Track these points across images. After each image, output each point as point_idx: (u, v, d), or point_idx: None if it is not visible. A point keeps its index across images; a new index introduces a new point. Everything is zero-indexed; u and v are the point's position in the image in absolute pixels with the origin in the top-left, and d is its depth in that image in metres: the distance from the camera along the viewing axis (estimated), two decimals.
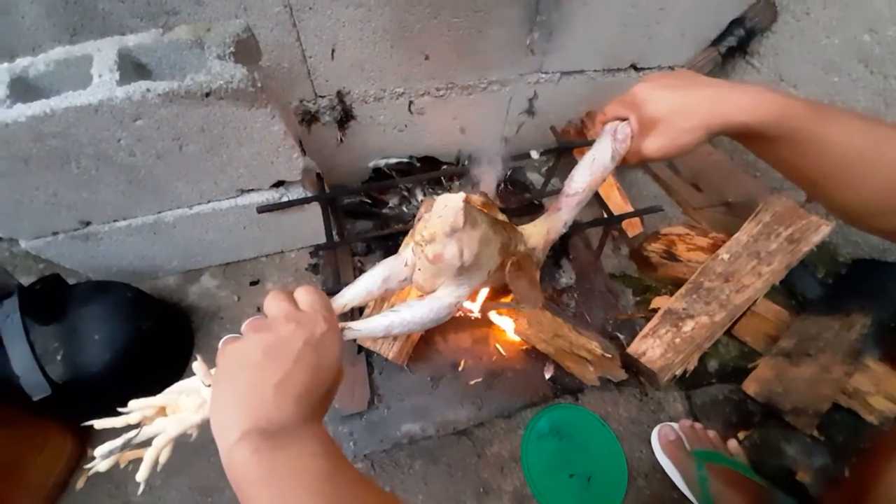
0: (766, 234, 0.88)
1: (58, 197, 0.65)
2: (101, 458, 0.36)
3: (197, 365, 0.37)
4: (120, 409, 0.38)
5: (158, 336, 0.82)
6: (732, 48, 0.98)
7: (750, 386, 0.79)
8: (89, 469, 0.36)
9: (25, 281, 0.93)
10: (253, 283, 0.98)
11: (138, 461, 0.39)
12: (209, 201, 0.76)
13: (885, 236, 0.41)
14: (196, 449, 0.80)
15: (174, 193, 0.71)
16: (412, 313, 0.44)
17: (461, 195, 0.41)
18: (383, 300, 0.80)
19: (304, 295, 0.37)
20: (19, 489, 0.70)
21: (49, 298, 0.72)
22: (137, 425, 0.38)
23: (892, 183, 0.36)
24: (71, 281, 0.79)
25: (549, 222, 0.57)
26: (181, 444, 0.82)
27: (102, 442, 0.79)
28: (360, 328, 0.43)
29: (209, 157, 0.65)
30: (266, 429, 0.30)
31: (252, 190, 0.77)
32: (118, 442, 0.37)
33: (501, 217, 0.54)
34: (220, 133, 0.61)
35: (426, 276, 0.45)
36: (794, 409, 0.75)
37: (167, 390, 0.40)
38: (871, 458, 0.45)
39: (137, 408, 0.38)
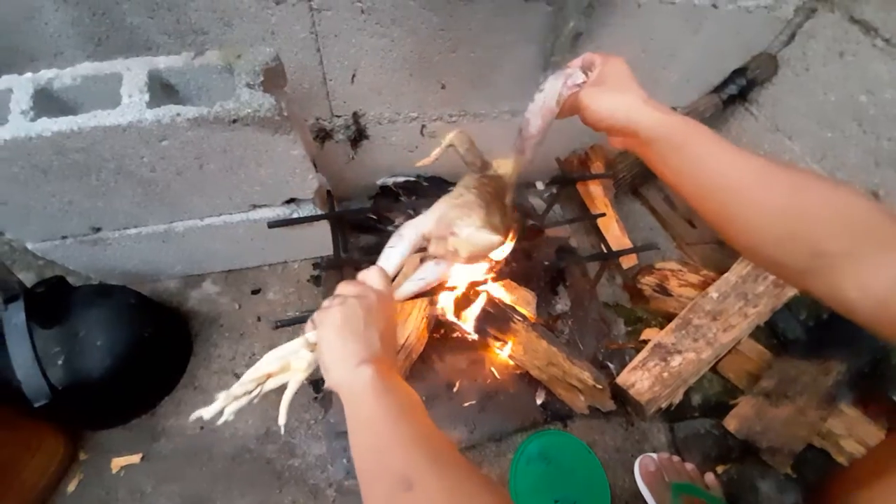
0: (754, 276, 0.93)
1: (72, 205, 0.66)
2: (222, 403, 0.45)
3: (309, 328, 0.47)
4: (238, 384, 0.45)
5: (158, 342, 0.83)
6: (733, 96, 1.02)
7: (731, 423, 0.83)
8: (198, 416, 0.45)
9: (24, 277, 0.93)
10: (254, 292, 0.99)
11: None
12: (221, 214, 0.77)
13: (772, 272, 0.41)
14: (188, 457, 0.81)
15: (188, 206, 0.73)
16: (434, 274, 0.54)
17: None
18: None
19: (370, 274, 0.49)
20: (10, 490, 0.70)
21: (53, 302, 0.72)
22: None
23: (764, 222, 0.35)
24: (70, 280, 0.79)
25: (518, 163, 0.58)
26: (177, 451, 0.82)
27: (95, 446, 0.80)
28: (403, 291, 0.53)
29: (227, 176, 0.66)
30: (378, 357, 0.41)
31: (264, 205, 0.78)
32: (239, 390, 0.45)
33: (494, 171, 0.57)
34: (241, 154, 0.63)
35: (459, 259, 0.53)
36: (771, 447, 0.79)
37: (271, 356, 0.46)
38: (824, 497, 0.49)
39: (253, 378, 0.45)
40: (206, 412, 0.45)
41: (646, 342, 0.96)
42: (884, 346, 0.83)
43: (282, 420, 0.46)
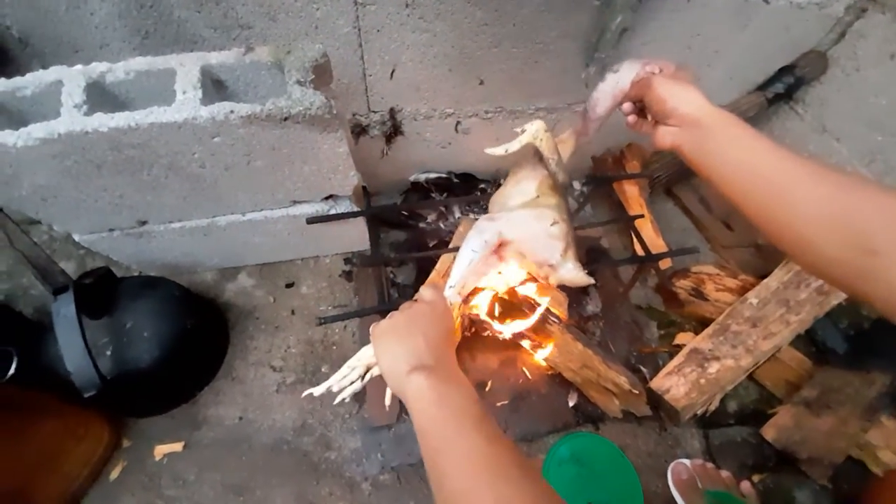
0: (797, 282, 0.90)
1: (123, 199, 0.67)
2: (329, 385, 0.49)
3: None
4: (343, 371, 0.49)
5: (200, 333, 0.85)
6: (779, 94, 0.99)
7: (769, 432, 0.82)
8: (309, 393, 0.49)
9: (65, 266, 0.95)
10: (288, 286, 1.00)
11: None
12: (262, 210, 0.78)
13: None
14: (229, 446, 0.83)
15: (232, 201, 0.73)
16: (480, 249, 0.55)
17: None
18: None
19: (426, 291, 0.51)
20: (56, 476, 0.72)
21: (100, 293, 0.74)
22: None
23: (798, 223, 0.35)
24: (113, 270, 0.81)
25: (577, 145, 0.62)
26: (217, 440, 0.84)
27: (138, 433, 0.83)
28: (453, 289, 0.55)
29: (273, 172, 0.67)
30: (427, 364, 0.40)
31: (304, 201, 0.79)
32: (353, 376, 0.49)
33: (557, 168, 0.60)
34: (288, 152, 0.63)
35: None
36: (810, 458, 0.78)
37: (364, 352, 0.49)
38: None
39: (354, 366, 0.49)
40: (316, 390, 0.48)
41: (679, 347, 0.95)
42: None
43: (387, 401, 0.48)
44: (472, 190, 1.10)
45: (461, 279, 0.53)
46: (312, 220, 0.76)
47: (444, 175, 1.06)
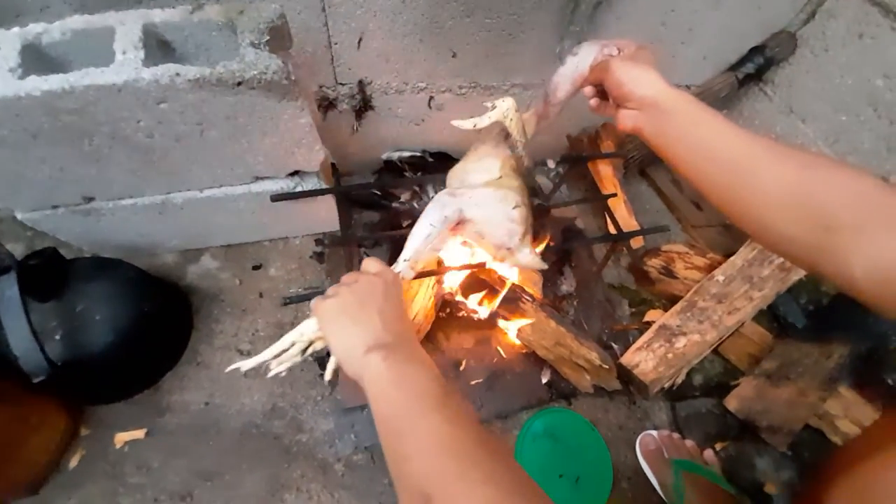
0: (760, 260, 0.93)
1: (64, 172, 0.62)
2: (260, 360, 0.46)
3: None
4: (283, 344, 0.46)
5: (159, 317, 0.81)
6: (749, 75, 0.99)
7: (731, 402, 0.85)
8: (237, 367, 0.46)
9: (13, 248, 0.89)
10: (255, 268, 0.96)
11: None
12: (222, 186, 0.74)
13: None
14: (195, 432, 0.81)
15: (187, 176, 0.69)
16: (439, 224, 0.55)
17: None
18: None
19: (365, 262, 0.47)
20: (14, 466, 0.69)
21: (48, 274, 0.69)
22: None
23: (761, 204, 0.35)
24: (62, 252, 0.76)
25: (538, 128, 0.61)
26: (182, 426, 0.81)
27: (97, 421, 0.79)
28: (406, 262, 0.53)
29: (230, 144, 0.63)
30: (385, 342, 0.38)
31: (268, 177, 0.75)
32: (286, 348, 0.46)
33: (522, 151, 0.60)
34: (245, 122, 0.59)
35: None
36: (770, 426, 0.81)
37: (306, 325, 0.46)
38: (822, 475, 0.50)
39: (295, 340, 0.46)
40: (245, 364, 0.45)
41: (650, 324, 0.97)
42: (886, 331, 0.85)
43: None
44: (446, 169, 1.07)
45: (416, 253, 0.52)
46: (277, 198, 0.73)
47: (417, 153, 1.04)
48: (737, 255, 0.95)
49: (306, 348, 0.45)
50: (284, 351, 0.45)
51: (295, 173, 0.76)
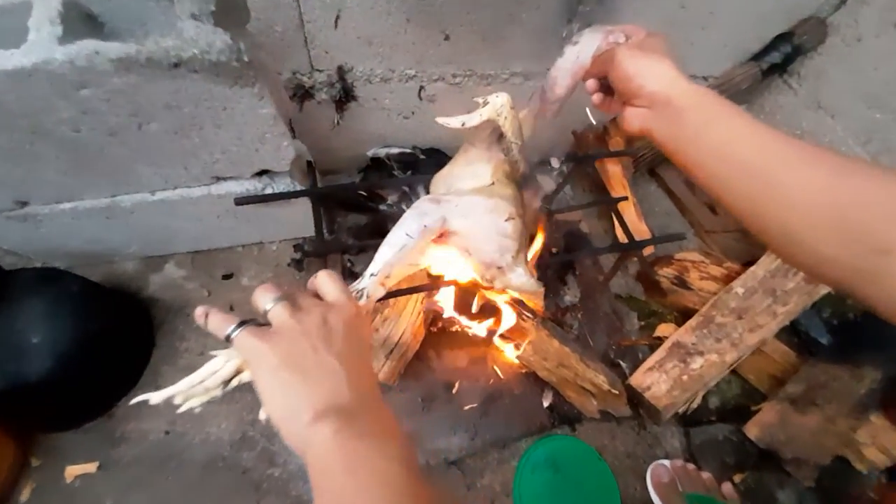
0: (784, 270, 0.84)
1: None
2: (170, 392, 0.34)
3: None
4: (201, 374, 0.35)
5: (110, 336, 0.71)
6: (775, 65, 0.90)
7: (752, 430, 0.77)
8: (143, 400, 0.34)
9: None
10: (226, 277, 0.87)
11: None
12: (176, 187, 0.64)
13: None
14: (154, 465, 0.72)
15: (132, 177, 0.59)
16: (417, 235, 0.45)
17: None
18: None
19: (319, 281, 0.36)
20: None
21: None
22: None
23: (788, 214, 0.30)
24: (11, 261, 0.66)
25: (534, 127, 0.53)
26: (140, 458, 0.72)
27: (48, 451, 0.70)
28: (375, 278, 0.42)
29: (177, 140, 0.53)
30: (341, 406, 0.29)
31: (230, 178, 0.65)
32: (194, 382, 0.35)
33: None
34: (191, 112, 0.49)
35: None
36: (796, 459, 0.74)
37: (233, 352, 0.35)
38: None
39: (216, 369, 0.35)
40: (154, 396, 0.34)
41: (660, 339, 0.89)
42: None
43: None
44: (440, 167, 0.98)
45: (386, 267, 0.42)
46: (241, 201, 0.63)
47: (407, 150, 0.94)
48: (757, 264, 0.86)
49: (231, 379, 0.35)
50: (202, 382, 0.35)
51: (263, 173, 0.66)
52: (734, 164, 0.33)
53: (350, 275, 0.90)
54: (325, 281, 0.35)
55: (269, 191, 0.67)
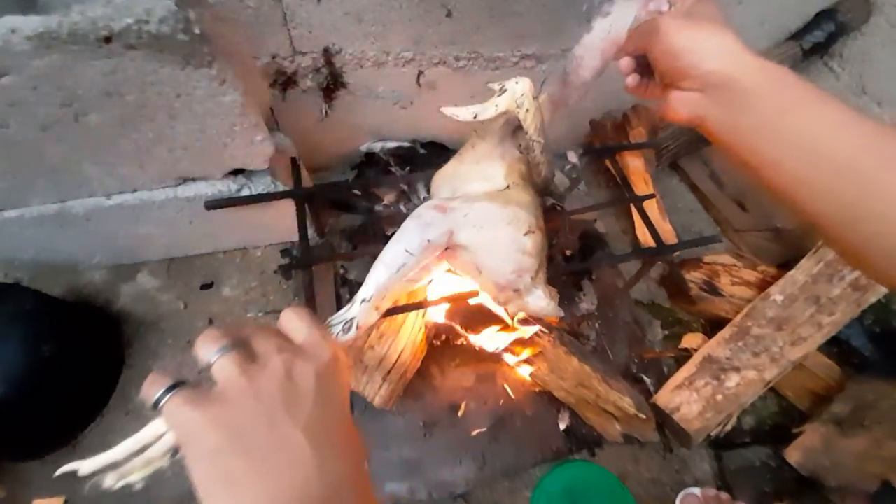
0: (829, 275, 0.75)
1: None
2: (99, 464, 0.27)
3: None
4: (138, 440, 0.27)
5: (73, 356, 0.63)
6: (818, 44, 0.80)
7: (793, 455, 0.68)
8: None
9: None
10: (205, 287, 0.78)
11: None
12: (135, 190, 0.55)
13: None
14: (124, 501, 0.64)
15: (80, 178, 0.50)
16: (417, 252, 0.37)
17: None
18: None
19: (295, 325, 0.27)
20: None
21: None
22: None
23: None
24: None
25: (555, 116, 0.46)
26: (108, 493, 0.64)
27: (17, 481, 0.63)
28: (367, 304, 0.35)
29: (125, 134, 0.44)
30: (309, 499, 0.22)
31: (198, 178, 0.56)
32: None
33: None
34: (137, 100, 0.40)
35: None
36: (840, 487, 0.65)
37: (126, 446, 0.28)
38: None
39: (160, 432, 0.27)
40: (84, 466, 0.27)
41: (686, 351, 0.80)
42: None
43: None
44: (441, 163, 0.89)
45: (381, 290, 0.34)
46: (212, 205, 0.54)
47: (405, 144, 0.85)
48: (797, 268, 0.77)
49: (178, 450, 0.27)
50: (143, 449, 0.27)
51: (239, 172, 0.57)
52: (825, 163, 0.27)
53: (343, 283, 0.81)
54: (292, 318, 0.27)
55: (245, 192, 0.58)
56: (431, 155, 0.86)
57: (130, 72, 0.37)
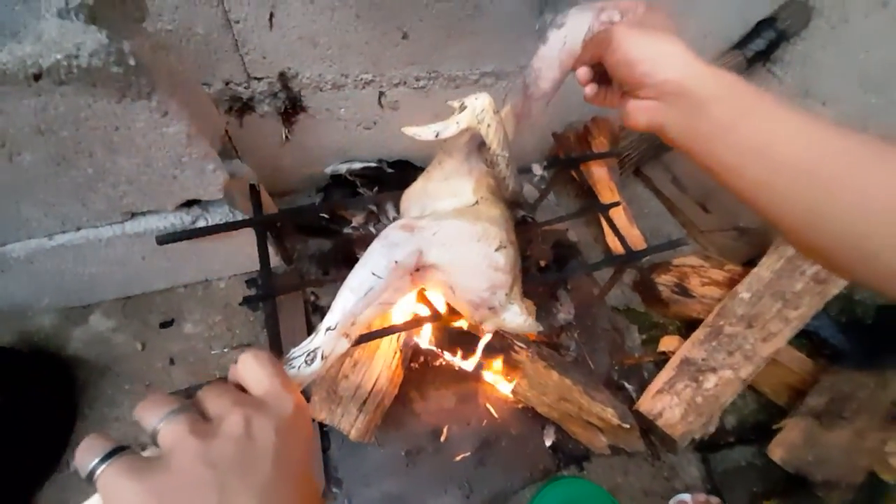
0: (790, 270, 0.77)
1: None
2: None
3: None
4: None
5: (20, 409, 0.58)
6: (760, 52, 0.85)
7: (776, 452, 0.69)
8: None
9: None
10: (164, 325, 0.74)
11: None
12: (79, 228, 0.51)
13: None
14: None
15: (17, 221, 0.47)
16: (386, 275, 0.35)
17: None
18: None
19: (252, 368, 0.25)
20: None
21: None
22: None
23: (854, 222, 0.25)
24: None
25: (519, 128, 0.46)
26: None
27: None
28: (333, 332, 0.32)
29: (63, 171, 0.41)
30: None
31: (148, 212, 0.53)
32: None
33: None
34: (72, 136, 0.38)
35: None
36: (827, 481, 0.66)
37: None
38: None
39: None
40: None
41: (664, 354, 0.81)
42: None
43: None
44: (409, 181, 0.88)
45: (348, 317, 0.33)
46: (164, 240, 0.51)
47: (372, 164, 0.84)
48: (760, 265, 0.80)
49: None
50: None
51: (192, 203, 0.55)
52: (783, 167, 0.27)
53: (315, 310, 0.78)
54: (250, 365, 0.25)
55: (201, 223, 0.56)
56: (399, 174, 0.86)
57: (62, 108, 0.34)
